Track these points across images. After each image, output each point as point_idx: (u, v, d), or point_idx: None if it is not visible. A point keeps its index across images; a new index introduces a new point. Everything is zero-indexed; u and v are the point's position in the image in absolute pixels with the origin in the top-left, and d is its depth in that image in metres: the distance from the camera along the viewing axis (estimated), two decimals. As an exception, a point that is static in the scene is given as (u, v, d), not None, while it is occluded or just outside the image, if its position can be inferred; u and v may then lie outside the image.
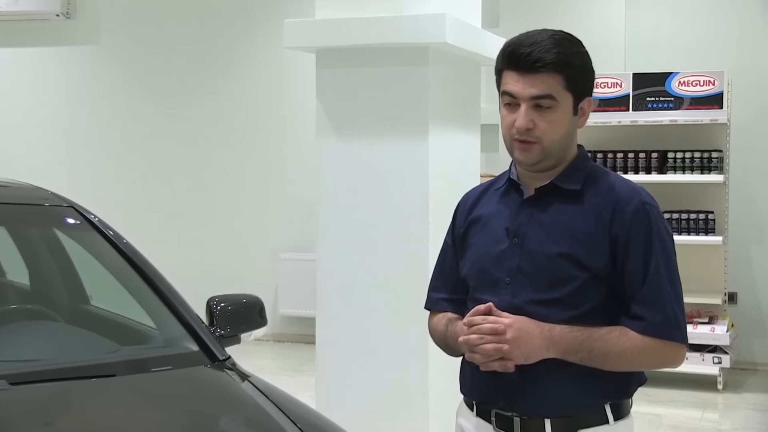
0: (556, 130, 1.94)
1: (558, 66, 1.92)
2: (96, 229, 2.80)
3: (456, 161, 4.18)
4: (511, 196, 2.05)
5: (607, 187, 1.99)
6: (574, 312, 1.92)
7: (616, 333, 1.91)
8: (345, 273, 4.03)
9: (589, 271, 1.92)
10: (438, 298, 2.16)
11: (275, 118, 7.82)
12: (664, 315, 1.92)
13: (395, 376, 3.93)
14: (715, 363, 6.03)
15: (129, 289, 2.76)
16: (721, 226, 6.26)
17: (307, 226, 6.83)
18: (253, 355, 6.59)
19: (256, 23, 7.80)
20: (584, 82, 1.99)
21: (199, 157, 7.95)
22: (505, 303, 1.96)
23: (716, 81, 6.14)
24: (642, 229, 1.93)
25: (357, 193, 4.01)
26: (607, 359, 1.91)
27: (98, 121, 8.19)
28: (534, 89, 1.92)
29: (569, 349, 1.91)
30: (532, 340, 1.90)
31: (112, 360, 2.50)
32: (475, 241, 2.07)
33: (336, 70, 4.03)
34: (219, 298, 2.77)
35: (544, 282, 1.94)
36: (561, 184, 2.00)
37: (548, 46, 1.92)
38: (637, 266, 1.92)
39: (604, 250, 1.92)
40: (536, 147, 1.95)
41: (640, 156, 6.28)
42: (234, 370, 2.51)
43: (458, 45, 3.93)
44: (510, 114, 1.96)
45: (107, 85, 8.19)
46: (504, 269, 1.99)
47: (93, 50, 8.22)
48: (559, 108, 1.94)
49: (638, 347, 1.91)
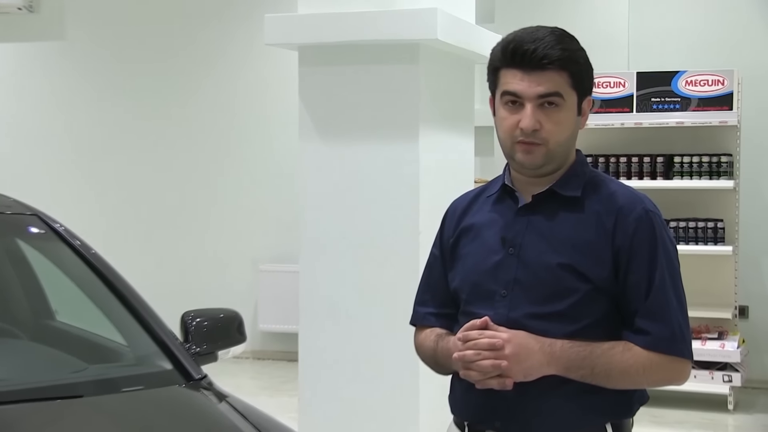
0: (562, 130, 1.97)
1: (564, 63, 1.95)
2: (62, 238, 2.79)
3: (448, 166, 4.20)
4: (506, 203, 2.06)
5: (607, 194, 2.00)
6: (575, 326, 1.94)
7: (619, 348, 1.93)
8: (329, 285, 4.03)
9: (590, 282, 1.94)
10: (425, 312, 2.16)
11: (255, 119, 7.82)
12: (670, 329, 1.94)
13: (383, 396, 3.92)
14: (725, 381, 6.05)
15: (97, 304, 2.75)
16: (731, 235, 6.29)
17: (289, 235, 6.82)
18: (231, 374, 6.58)
19: (236, 19, 7.81)
20: (588, 80, 2.02)
21: (173, 161, 7.94)
22: (501, 317, 1.96)
23: (726, 80, 6.18)
24: (646, 238, 1.95)
25: (342, 200, 4.02)
26: (610, 376, 1.93)
27: (64, 124, 8.17)
28: (541, 87, 1.94)
29: (570, 366, 1.92)
30: (532, 355, 1.91)
31: (79, 380, 2.48)
32: (467, 251, 2.07)
33: (320, 68, 4.04)
34: (194, 313, 2.76)
35: (543, 294, 1.96)
36: (560, 190, 2.01)
37: (552, 43, 1.94)
38: (641, 278, 1.94)
39: (606, 260, 1.94)
40: (541, 149, 1.96)
41: (644, 160, 6.31)
42: (210, 389, 2.51)
43: (451, 42, 3.94)
44: (512, 115, 1.97)
45: (74, 85, 8.17)
46: (499, 281, 1.99)
47: (58, 46, 8.20)
48: (565, 107, 1.97)
49: (643, 363, 1.93)
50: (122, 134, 8.03)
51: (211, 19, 7.87)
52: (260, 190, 7.78)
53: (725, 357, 6.02)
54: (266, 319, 7.64)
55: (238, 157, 7.85)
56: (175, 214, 7.93)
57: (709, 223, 6.22)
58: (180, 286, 7.62)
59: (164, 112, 7.96)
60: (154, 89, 7.95)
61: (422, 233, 3.82)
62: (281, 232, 7.57)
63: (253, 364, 7.63)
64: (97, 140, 8.10)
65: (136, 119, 8.00)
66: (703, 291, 6.01)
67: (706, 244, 6.19)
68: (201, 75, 7.90)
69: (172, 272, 7.82)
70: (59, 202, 7.40)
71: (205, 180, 7.91)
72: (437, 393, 2.12)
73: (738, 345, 6.11)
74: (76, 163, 8.13)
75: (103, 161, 8.07)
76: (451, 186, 4.09)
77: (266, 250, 7.74)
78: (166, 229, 7.95)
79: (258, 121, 7.82)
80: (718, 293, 6.27)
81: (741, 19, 6.90)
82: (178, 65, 7.92)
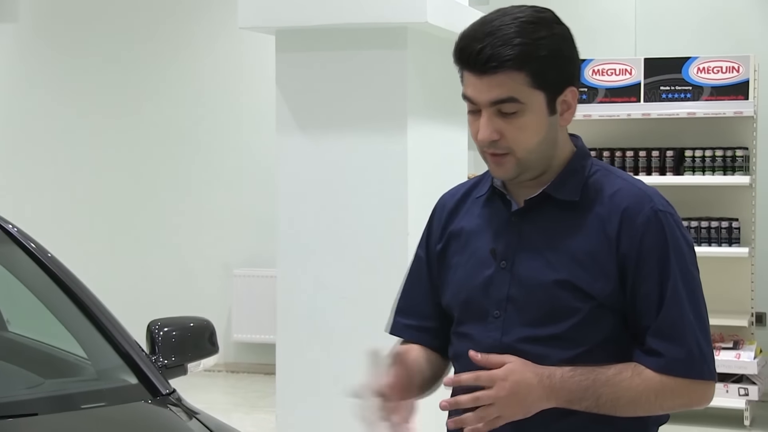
0: (528, 137, 1.87)
1: (517, 62, 1.82)
2: (15, 241, 2.78)
3: (439, 161, 4.20)
4: (496, 207, 1.98)
5: (611, 192, 1.91)
6: (577, 350, 1.87)
7: (627, 374, 1.86)
8: (310, 292, 4.03)
9: (593, 299, 1.86)
10: (405, 324, 2.12)
11: (228, 110, 7.80)
12: (687, 349, 1.85)
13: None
14: (741, 395, 6.08)
15: (54, 313, 2.75)
16: (747, 235, 6.31)
17: (266, 237, 6.81)
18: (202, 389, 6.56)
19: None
20: (558, 73, 1.88)
21: (136, 157, 7.92)
22: (494, 341, 1.91)
23: (741, 67, 6.20)
24: (656, 243, 1.87)
25: (324, 198, 4.01)
26: (618, 405, 1.86)
27: (18, 114, 8.14)
28: (493, 93, 1.84)
29: (572, 398, 1.85)
30: (531, 391, 1.84)
31: (34, 396, 2.48)
32: (456, 261, 2.01)
33: (299, 54, 4.04)
34: (162, 322, 2.76)
35: (539, 315, 1.89)
36: (555, 194, 1.93)
37: (507, 37, 1.83)
38: (651, 290, 1.86)
39: (610, 272, 1.87)
40: (509, 159, 1.88)
41: (652, 154, 6.33)
42: (179, 406, 2.50)
43: (441, 25, 3.94)
44: (475, 122, 1.90)
45: (28, 72, 8.13)
46: (491, 299, 1.93)
47: (11, 30, 8.17)
48: (527, 111, 1.86)
49: (655, 389, 1.85)
50: (78, 127, 7.99)
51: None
52: (233, 188, 7.77)
53: (741, 368, 6.05)
54: (240, 328, 7.62)
55: (208, 151, 7.83)
56: (140, 215, 7.90)
57: (723, 223, 6.24)
58: (146, 293, 7.60)
59: (126, 104, 7.93)
60: (115, 78, 7.91)
61: (411, 234, 3.83)
62: (257, 233, 7.57)
63: (227, 378, 7.62)
64: (50, 134, 8.05)
65: (93, 111, 7.96)
66: (717, 296, 6.02)
67: (720, 245, 6.21)
68: (167, 62, 7.87)
69: (136, 278, 7.80)
70: (8, 200, 7.39)
71: (172, 177, 7.89)
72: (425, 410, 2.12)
73: (755, 355, 6.13)
74: (26, 157, 8.09)
75: (57, 156, 8.04)
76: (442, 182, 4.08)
77: (240, 253, 7.73)
78: (130, 231, 7.92)
79: (230, 113, 7.80)
80: (732, 299, 6.30)
81: (758, 1, 6.93)
82: (140, 51, 7.89)
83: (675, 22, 7.05)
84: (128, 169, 7.94)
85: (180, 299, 7.52)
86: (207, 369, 2.87)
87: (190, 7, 7.84)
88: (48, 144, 8.08)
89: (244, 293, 7.59)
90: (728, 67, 6.22)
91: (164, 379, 2.58)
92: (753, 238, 6.35)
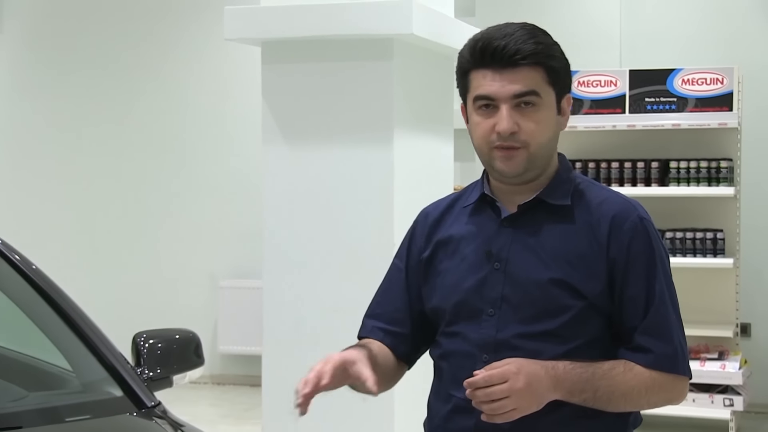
0: (543, 131, 1.98)
1: (539, 58, 1.97)
2: (-1, 252, 2.77)
3: (426, 172, 4.20)
4: (485, 214, 2.06)
5: (598, 201, 2.02)
6: (568, 346, 1.96)
7: (620, 369, 1.96)
8: (296, 303, 4.02)
9: (585, 298, 1.96)
10: (373, 326, 2.17)
11: (213, 122, 7.80)
12: (672, 346, 1.98)
13: (355, 425, 3.92)
14: (726, 406, 6.09)
15: (39, 325, 2.73)
16: (731, 246, 6.33)
17: (252, 248, 6.80)
18: (188, 401, 6.53)
19: (191, 11, 7.80)
20: (566, 76, 2.04)
21: (120, 167, 7.91)
22: (489, 338, 1.98)
23: (725, 79, 6.23)
24: (642, 249, 1.98)
25: (309, 209, 4.01)
26: (612, 399, 1.95)
27: (1, 124, 8.11)
28: (516, 86, 1.95)
29: (574, 389, 1.93)
30: (541, 382, 1.91)
31: (18, 409, 2.46)
32: (445, 267, 2.08)
33: (285, 65, 4.04)
34: (147, 334, 2.75)
35: (533, 312, 1.97)
36: (548, 198, 2.02)
37: (524, 37, 1.96)
38: (639, 292, 1.97)
39: (600, 274, 1.97)
40: (521, 153, 1.97)
41: (637, 166, 6.35)
42: (165, 418, 2.49)
43: (427, 36, 3.96)
44: (487, 119, 1.98)
45: (8, 81, 8.12)
46: (485, 299, 2.00)
47: (-4, 41, 8.15)
48: (544, 105, 1.98)
49: (646, 383, 1.96)
50: (62, 137, 7.98)
51: (162, 10, 7.85)
52: (219, 199, 7.76)
53: (726, 379, 6.06)
54: (226, 340, 7.61)
55: (195, 163, 7.82)
56: (125, 226, 7.89)
57: (708, 234, 6.26)
58: (131, 305, 7.58)
59: (111, 114, 7.92)
60: (100, 89, 7.91)
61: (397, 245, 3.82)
62: (242, 244, 7.55)
63: (213, 390, 7.60)
64: (35, 143, 8.04)
65: (78, 121, 7.95)
66: (702, 307, 6.04)
67: (704, 256, 6.23)
68: (152, 73, 7.87)
69: (121, 289, 7.78)
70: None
71: (157, 188, 7.87)
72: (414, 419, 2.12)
73: (740, 366, 6.14)
74: (10, 166, 8.07)
75: (42, 166, 8.01)
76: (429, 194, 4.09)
77: (226, 264, 7.72)
78: (115, 242, 7.90)
79: (216, 124, 7.80)
80: (718, 310, 6.31)
81: (742, 12, 6.97)
82: (125, 62, 7.88)
83: (660, 34, 7.09)
84: (114, 179, 7.92)
85: (165, 311, 7.50)
86: (193, 381, 2.86)
87: (177, 18, 7.84)
88: (32, 154, 8.05)
89: (229, 305, 7.58)
90: (713, 79, 6.25)
91: (150, 391, 2.57)
92: (738, 249, 6.38)
